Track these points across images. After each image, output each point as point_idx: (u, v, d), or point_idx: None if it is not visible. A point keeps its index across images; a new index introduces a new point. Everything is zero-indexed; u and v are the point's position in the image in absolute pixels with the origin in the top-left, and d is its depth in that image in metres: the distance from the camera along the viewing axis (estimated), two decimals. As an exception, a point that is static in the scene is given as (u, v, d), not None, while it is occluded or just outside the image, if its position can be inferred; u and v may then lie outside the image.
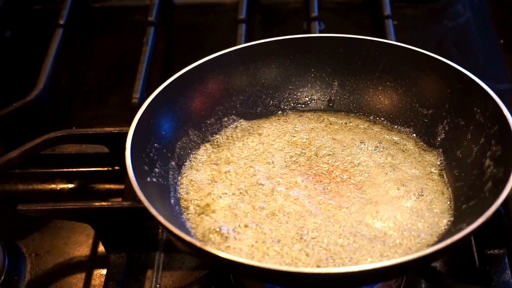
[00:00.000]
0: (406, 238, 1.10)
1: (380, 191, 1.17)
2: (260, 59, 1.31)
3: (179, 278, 1.22)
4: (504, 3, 1.73)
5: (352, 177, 1.20)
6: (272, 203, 1.15)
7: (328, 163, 1.22)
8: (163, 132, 1.21)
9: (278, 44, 1.31)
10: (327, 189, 1.18)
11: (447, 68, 1.23)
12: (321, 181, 1.19)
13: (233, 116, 1.30)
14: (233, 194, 1.17)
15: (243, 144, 1.26)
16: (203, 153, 1.25)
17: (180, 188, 1.19)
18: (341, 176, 1.20)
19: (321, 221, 1.12)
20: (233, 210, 1.15)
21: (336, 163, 1.22)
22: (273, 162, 1.23)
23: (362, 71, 1.31)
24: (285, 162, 1.23)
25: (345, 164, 1.22)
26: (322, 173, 1.21)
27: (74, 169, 1.42)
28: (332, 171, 1.21)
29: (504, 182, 1.05)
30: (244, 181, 1.20)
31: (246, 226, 1.12)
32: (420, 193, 1.17)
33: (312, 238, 1.10)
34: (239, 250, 1.08)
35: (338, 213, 1.13)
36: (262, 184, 1.19)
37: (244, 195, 1.17)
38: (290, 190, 1.17)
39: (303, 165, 1.22)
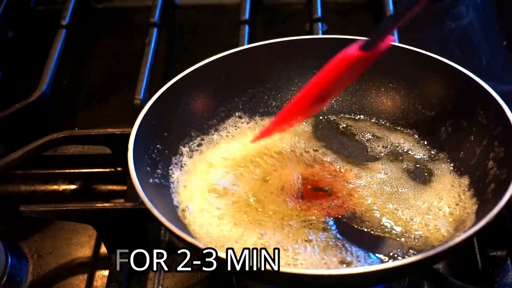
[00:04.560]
0: (408, 239, 1.10)
1: (383, 192, 1.17)
2: (262, 60, 1.31)
3: (181, 280, 1.22)
4: (508, 4, 1.73)
5: (355, 178, 1.20)
6: (275, 204, 1.15)
7: (331, 165, 1.22)
8: (165, 133, 1.21)
9: (280, 45, 1.31)
10: (330, 190, 1.17)
11: (450, 69, 1.23)
12: (325, 182, 1.19)
13: (235, 117, 1.30)
14: (236, 195, 1.17)
15: (245, 145, 1.26)
16: (206, 154, 1.25)
17: (183, 189, 1.19)
18: (345, 178, 1.20)
19: (326, 222, 1.12)
20: (236, 212, 1.15)
21: (339, 165, 1.22)
22: (276, 164, 1.23)
23: (364, 73, 1.30)
24: (288, 163, 1.23)
25: (348, 165, 1.22)
26: (325, 174, 1.21)
27: (76, 170, 1.42)
28: (336, 173, 1.21)
29: (507, 183, 1.05)
30: (247, 182, 1.20)
31: (249, 226, 1.12)
32: (422, 195, 1.17)
33: (316, 241, 1.10)
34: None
35: (341, 214, 1.13)
36: (265, 186, 1.19)
37: (246, 196, 1.17)
38: (294, 192, 1.17)
39: (306, 167, 1.22)
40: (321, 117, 1.31)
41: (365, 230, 1.12)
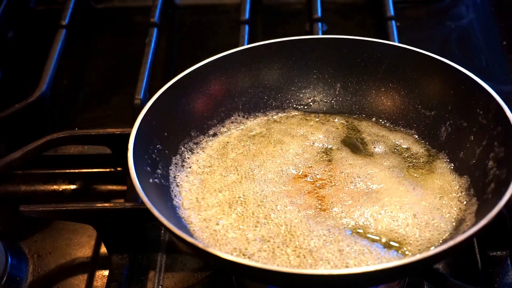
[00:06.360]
0: (408, 239, 1.10)
1: (382, 192, 1.17)
2: (262, 60, 1.31)
3: (181, 280, 1.22)
4: (507, 4, 1.73)
5: (355, 178, 1.20)
6: (274, 204, 1.15)
7: (331, 164, 1.22)
8: (165, 133, 1.21)
9: (280, 45, 1.31)
10: (331, 189, 1.18)
11: (450, 69, 1.23)
12: (326, 181, 1.19)
13: (235, 117, 1.30)
14: (235, 195, 1.17)
15: (245, 145, 1.26)
16: (206, 154, 1.25)
17: (182, 189, 1.19)
18: (345, 177, 1.20)
19: (328, 223, 1.12)
20: (235, 212, 1.15)
21: (339, 165, 1.22)
22: (276, 163, 1.23)
23: (364, 73, 1.31)
24: (288, 163, 1.23)
25: (348, 165, 1.22)
26: (326, 174, 1.20)
27: (76, 170, 1.42)
28: (336, 173, 1.21)
29: (507, 183, 1.05)
30: (247, 182, 1.20)
31: (250, 225, 1.12)
32: (422, 194, 1.17)
33: (316, 242, 1.10)
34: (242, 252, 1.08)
35: (338, 212, 1.13)
36: (264, 186, 1.19)
37: (246, 196, 1.17)
38: (295, 193, 1.17)
39: (306, 167, 1.22)
40: (321, 117, 1.31)
41: (365, 230, 1.12)
